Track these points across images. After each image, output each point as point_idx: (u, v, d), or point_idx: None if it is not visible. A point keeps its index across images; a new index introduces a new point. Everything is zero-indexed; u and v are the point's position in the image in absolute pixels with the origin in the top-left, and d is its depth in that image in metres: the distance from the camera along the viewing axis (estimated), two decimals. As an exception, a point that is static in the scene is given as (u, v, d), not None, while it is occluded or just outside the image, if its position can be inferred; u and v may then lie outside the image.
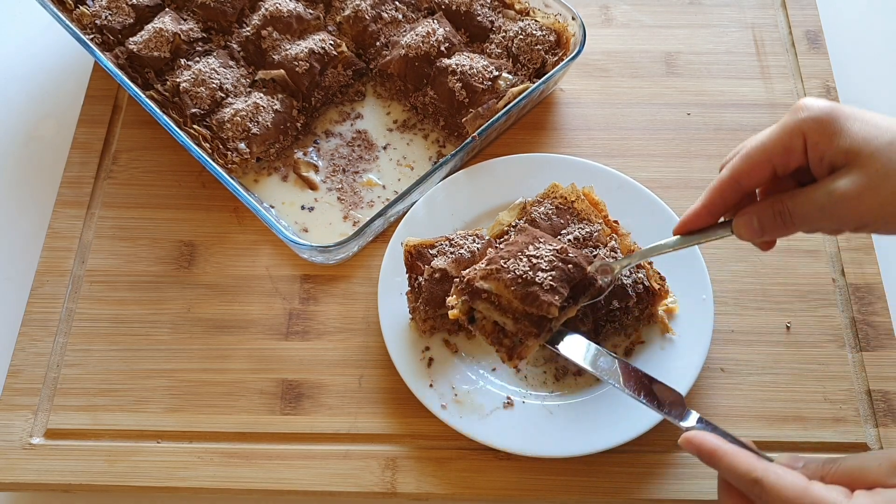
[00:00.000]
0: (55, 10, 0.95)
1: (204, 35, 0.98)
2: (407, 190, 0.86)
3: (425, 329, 0.81)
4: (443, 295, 0.75)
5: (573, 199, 0.81)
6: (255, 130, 0.90)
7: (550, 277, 0.68)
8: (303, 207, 0.92)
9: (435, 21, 0.96)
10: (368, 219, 0.84)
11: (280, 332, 0.85)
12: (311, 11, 0.99)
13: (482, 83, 0.91)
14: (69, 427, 0.80)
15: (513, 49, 0.95)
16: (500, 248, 0.73)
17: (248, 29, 0.97)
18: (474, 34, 0.98)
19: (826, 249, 0.89)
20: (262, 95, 0.93)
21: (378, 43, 0.98)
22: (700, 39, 1.05)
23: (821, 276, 0.87)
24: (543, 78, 0.91)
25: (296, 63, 0.93)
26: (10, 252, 0.95)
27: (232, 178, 0.86)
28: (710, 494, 0.75)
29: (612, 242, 0.78)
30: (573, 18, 0.94)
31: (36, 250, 0.91)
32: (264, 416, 0.80)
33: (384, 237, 0.89)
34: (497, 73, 0.92)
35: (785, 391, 0.81)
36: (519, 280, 0.68)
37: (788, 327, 0.84)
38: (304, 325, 0.85)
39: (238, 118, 0.90)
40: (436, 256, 0.79)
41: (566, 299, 0.68)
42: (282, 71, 0.93)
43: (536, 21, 0.96)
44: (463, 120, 0.91)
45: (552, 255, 0.69)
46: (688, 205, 0.65)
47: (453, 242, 0.79)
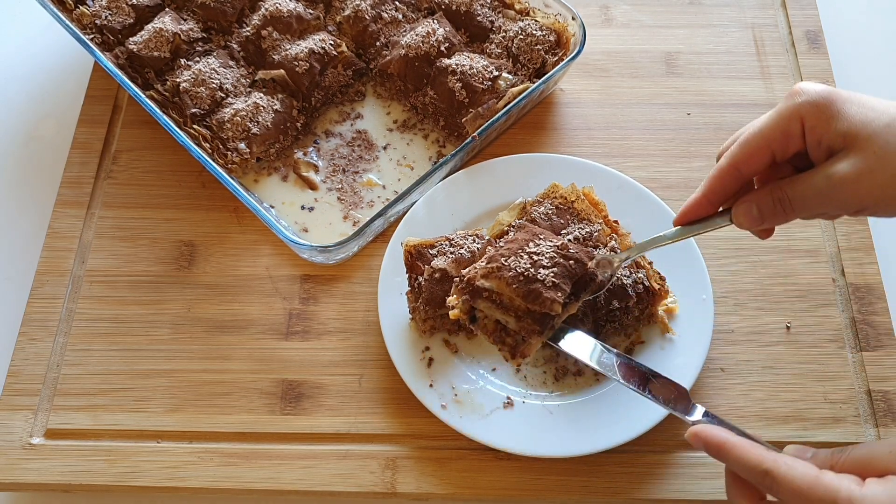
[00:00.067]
0: (55, 10, 0.95)
1: (204, 35, 0.98)
2: (407, 190, 0.86)
3: (425, 329, 0.81)
4: (443, 295, 0.75)
5: (573, 199, 0.81)
6: (255, 130, 0.90)
7: (552, 274, 0.67)
8: (303, 207, 0.92)
9: (435, 21, 0.96)
10: (368, 219, 0.84)
11: (280, 332, 0.85)
12: (311, 11, 0.99)
13: (482, 83, 0.91)
14: (69, 427, 0.80)
15: (513, 49, 0.95)
16: (501, 247, 0.72)
17: (248, 29, 0.97)
18: (474, 34, 0.98)
19: (826, 249, 0.89)
20: (262, 95, 0.93)
21: (378, 43, 0.98)
22: (700, 39, 1.05)
23: (821, 276, 0.87)
24: (543, 78, 0.91)
25: (296, 63, 0.93)
26: (10, 252, 0.95)
27: (232, 178, 0.86)
28: (711, 494, 0.75)
29: (612, 242, 0.78)
30: (573, 18, 0.94)
31: (36, 250, 0.91)
32: (264, 416, 0.80)
33: (384, 237, 0.89)
34: (497, 73, 0.92)
35: (785, 391, 0.81)
36: (520, 277, 0.67)
37: (788, 327, 0.84)
38: (304, 325, 0.85)
39: (238, 118, 0.90)
40: (436, 256, 0.79)
41: (568, 295, 0.68)
42: (282, 71, 0.93)
43: (536, 21, 0.96)
44: (463, 120, 0.91)
45: (553, 252, 0.69)
46: (688, 204, 0.65)
47: (453, 242, 0.79)
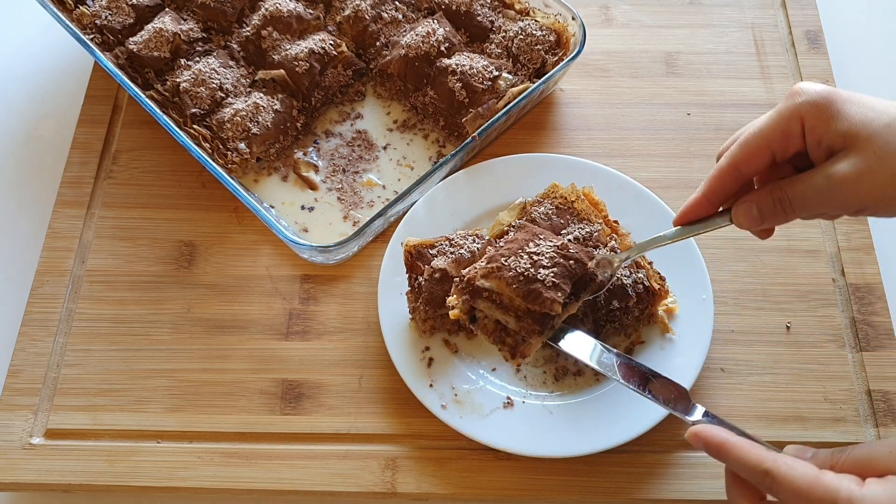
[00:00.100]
0: (55, 10, 0.95)
1: (204, 35, 0.98)
2: (407, 190, 0.86)
3: (425, 329, 0.81)
4: (443, 295, 0.75)
5: (573, 199, 0.81)
6: (255, 130, 0.90)
7: (552, 274, 0.67)
8: (303, 207, 0.92)
9: (435, 21, 0.96)
10: (368, 219, 0.84)
11: (280, 332, 0.85)
12: (311, 11, 0.99)
13: (482, 83, 0.91)
14: (69, 427, 0.80)
15: (513, 49, 0.95)
16: (501, 247, 0.72)
17: (248, 29, 0.97)
18: (474, 34, 0.98)
19: (826, 249, 0.89)
20: (262, 95, 0.93)
21: (378, 43, 0.98)
22: (700, 39, 1.05)
23: (821, 276, 0.87)
24: (543, 78, 0.91)
25: (296, 63, 0.93)
26: (10, 252, 0.95)
27: (232, 178, 0.86)
28: (710, 494, 0.75)
29: (612, 242, 0.78)
30: (573, 18, 0.94)
31: (36, 250, 0.91)
32: (264, 416, 0.80)
33: (384, 237, 0.89)
34: (497, 73, 0.92)
35: (785, 391, 0.81)
36: (520, 277, 0.67)
37: (788, 327, 0.84)
38: (304, 325, 0.85)
39: (238, 118, 0.90)
40: (436, 256, 0.79)
41: (568, 295, 0.68)
42: (282, 71, 0.93)
43: (536, 21, 0.96)
44: (463, 120, 0.91)
45: (553, 252, 0.69)
46: (688, 204, 0.65)
47: (453, 242, 0.79)
